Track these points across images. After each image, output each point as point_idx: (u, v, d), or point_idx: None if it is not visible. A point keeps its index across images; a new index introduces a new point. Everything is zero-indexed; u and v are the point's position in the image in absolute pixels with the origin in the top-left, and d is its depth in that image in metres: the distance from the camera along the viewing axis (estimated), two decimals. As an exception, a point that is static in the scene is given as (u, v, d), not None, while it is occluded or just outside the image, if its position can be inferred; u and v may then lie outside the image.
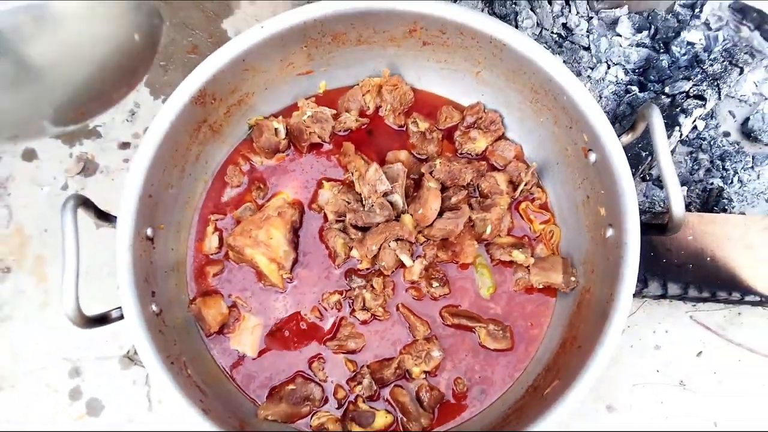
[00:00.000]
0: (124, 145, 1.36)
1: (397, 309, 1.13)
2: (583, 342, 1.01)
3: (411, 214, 1.14)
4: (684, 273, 1.22)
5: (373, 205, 1.12)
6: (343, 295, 1.13)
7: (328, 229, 1.16)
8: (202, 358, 1.07)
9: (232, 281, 1.14)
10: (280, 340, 1.11)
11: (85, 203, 0.94)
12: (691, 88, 1.33)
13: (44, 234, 1.28)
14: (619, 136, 1.02)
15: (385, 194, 1.13)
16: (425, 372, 1.10)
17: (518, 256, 1.14)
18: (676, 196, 0.92)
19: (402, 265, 1.13)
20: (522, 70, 1.12)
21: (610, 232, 1.04)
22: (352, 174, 1.16)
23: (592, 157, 1.07)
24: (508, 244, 1.16)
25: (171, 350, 0.97)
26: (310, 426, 1.07)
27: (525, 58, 1.09)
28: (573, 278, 1.12)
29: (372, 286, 1.12)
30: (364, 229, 1.14)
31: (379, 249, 1.11)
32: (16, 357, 1.21)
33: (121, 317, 0.94)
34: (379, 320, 1.13)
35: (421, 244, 1.15)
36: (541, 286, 1.13)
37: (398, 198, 1.14)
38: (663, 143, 0.93)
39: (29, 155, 1.34)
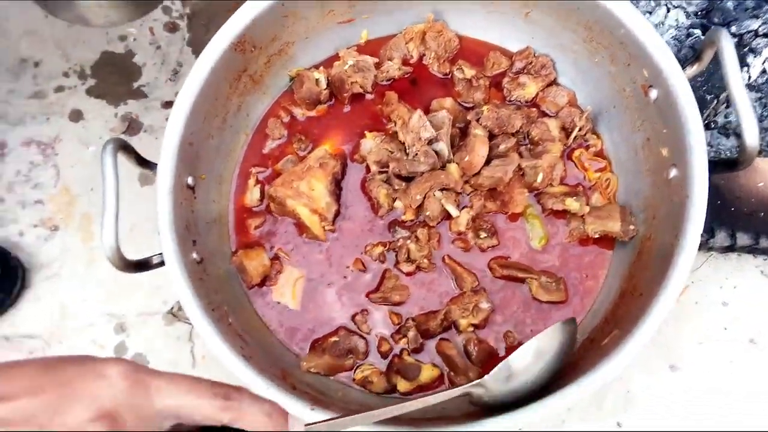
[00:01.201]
0: (167, 105, 1.36)
1: (443, 261, 1.08)
2: (644, 289, 0.94)
3: (457, 163, 1.09)
4: (755, 222, 1.13)
5: (417, 154, 1.07)
6: (387, 247, 1.09)
7: (370, 180, 1.12)
8: (243, 309, 1.05)
9: (274, 234, 1.11)
10: (322, 293, 1.08)
11: (126, 148, 0.93)
12: (761, 26, 1.23)
13: (90, 193, 1.29)
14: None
15: (430, 142, 1.08)
16: (473, 325, 1.04)
17: (572, 204, 1.08)
18: (749, 124, 0.84)
19: (448, 215, 1.08)
20: (576, 6, 1.05)
21: (673, 173, 0.96)
22: (395, 123, 1.12)
23: (653, 94, 0.99)
24: (560, 192, 1.10)
25: (212, 298, 0.95)
26: (354, 379, 1.03)
27: (579, -9, 1.02)
28: (632, 226, 1.05)
29: (417, 237, 1.07)
30: (408, 179, 1.09)
31: (424, 198, 1.06)
32: (64, 314, 1.21)
33: (162, 263, 0.93)
34: (425, 272, 1.08)
35: (468, 194, 1.10)
36: (597, 236, 1.07)
37: (443, 146, 1.08)
38: (734, 67, 0.85)
39: (76, 115, 1.35)
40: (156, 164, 0.97)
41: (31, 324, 1.20)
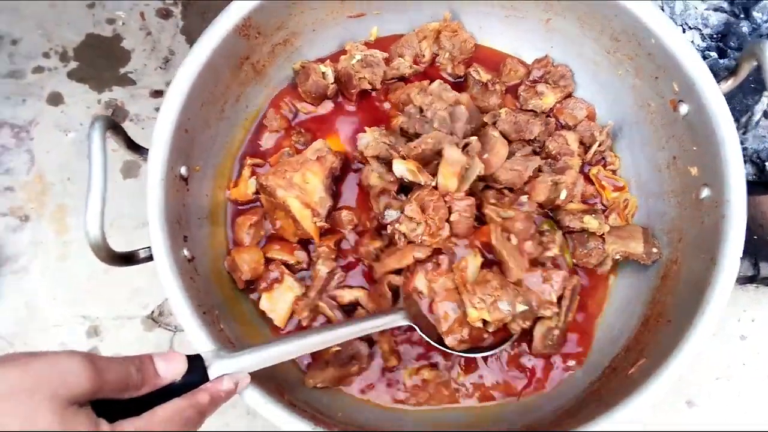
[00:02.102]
0: (156, 94, 1.26)
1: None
2: (673, 316, 0.88)
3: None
4: (779, 252, 1.09)
5: (435, 114, 0.98)
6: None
7: (363, 170, 1.04)
8: (235, 315, 0.96)
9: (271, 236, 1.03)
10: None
11: (115, 128, 0.83)
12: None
13: (67, 182, 1.18)
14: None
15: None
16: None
17: (591, 222, 1.01)
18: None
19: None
20: (602, 13, 1.00)
21: (705, 193, 0.91)
22: (409, 95, 1.03)
23: (683, 109, 0.94)
24: (578, 210, 1.04)
25: (202, 300, 0.86)
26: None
27: (608, -2, 0.97)
28: (655, 249, 0.99)
29: (407, 216, 0.94)
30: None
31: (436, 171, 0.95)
32: (31, 312, 1.10)
33: (150, 258, 0.83)
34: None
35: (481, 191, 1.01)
36: (618, 257, 1.00)
37: (459, 129, 1.00)
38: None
39: (55, 99, 1.25)
40: (147, 149, 0.88)
41: (-7, 322, 1.09)
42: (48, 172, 1.19)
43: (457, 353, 0.93)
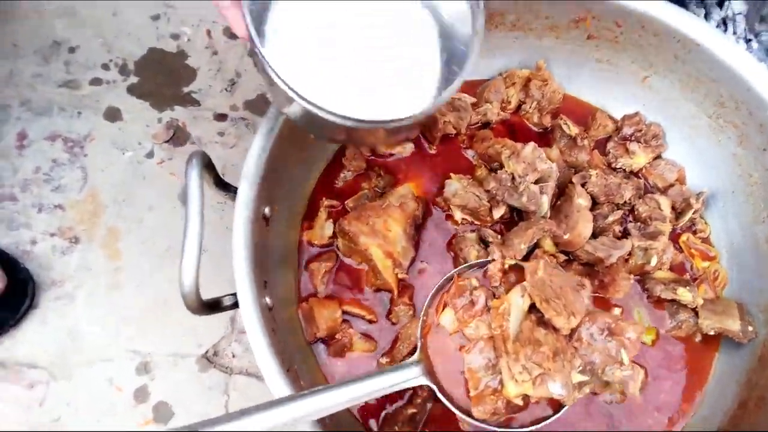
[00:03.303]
0: (221, 117, 1.20)
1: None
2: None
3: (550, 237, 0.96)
4: None
5: (526, 188, 0.94)
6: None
7: (460, 238, 0.98)
8: (309, 369, 0.89)
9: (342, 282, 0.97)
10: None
11: (209, 165, 0.77)
12: None
13: (121, 204, 1.11)
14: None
15: (537, 181, 0.96)
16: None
17: (685, 295, 0.96)
18: None
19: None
20: (710, 78, 0.96)
21: (814, 274, 0.86)
22: (501, 153, 0.98)
23: (795, 186, 0.90)
24: (669, 279, 0.98)
25: (284, 356, 0.79)
26: None
27: (720, 62, 0.93)
28: (751, 327, 0.94)
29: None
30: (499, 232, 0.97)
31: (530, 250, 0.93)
32: (75, 343, 1.03)
33: (234, 306, 0.77)
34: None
35: (561, 265, 0.97)
36: (712, 333, 0.95)
37: (545, 200, 0.96)
38: None
39: (112, 114, 1.19)
40: (236, 188, 0.82)
41: (35, 351, 1.01)
42: (101, 191, 1.12)
43: (487, 427, 0.79)
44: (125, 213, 1.11)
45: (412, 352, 0.88)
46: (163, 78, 1.22)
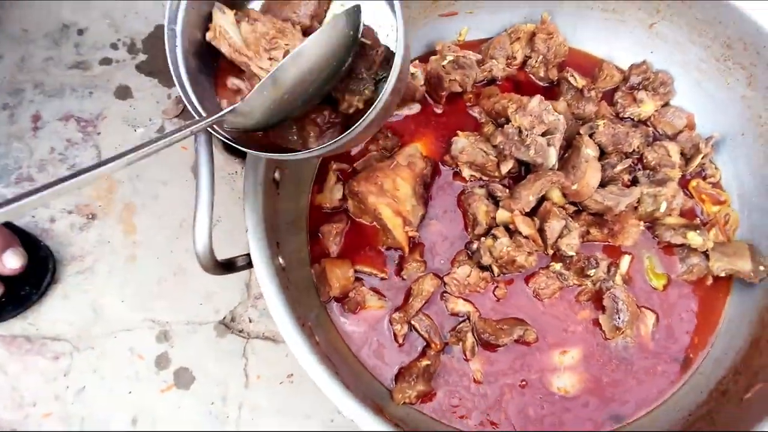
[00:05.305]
0: (228, 90, 1.21)
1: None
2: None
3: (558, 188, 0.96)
4: None
5: (533, 141, 0.94)
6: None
7: (469, 194, 0.99)
8: (324, 327, 0.91)
9: (354, 243, 0.98)
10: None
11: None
12: None
13: (135, 180, 1.13)
14: None
15: (544, 134, 0.96)
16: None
17: (694, 239, 0.96)
18: None
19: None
20: (717, 20, 0.95)
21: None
22: (508, 108, 0.97)
23: (806, 123, 0.89)
24: (679, 224, 0.98)
25: (299, 312, 0.80)
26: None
27: (727, 3, 0.92)
28: (762, 267, 0.94)
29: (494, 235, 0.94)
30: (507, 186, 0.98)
31: (542, 221, 0.93)
32: (97, 315, 1.05)
33: (248, 266, 0.78)
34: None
35: (570, 216, 0.96)
36: (723, 275, 0.95)
37: (553, 153, 0.96)
38: None
39: (123, 92, 1.20)
40: (244, 152, 0.83)
41: (59, 324, 1.04)
42: (115, 168, 1.14)
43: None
44: (140, 188, 1.12)
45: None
46: (170, 54, 1.23)
